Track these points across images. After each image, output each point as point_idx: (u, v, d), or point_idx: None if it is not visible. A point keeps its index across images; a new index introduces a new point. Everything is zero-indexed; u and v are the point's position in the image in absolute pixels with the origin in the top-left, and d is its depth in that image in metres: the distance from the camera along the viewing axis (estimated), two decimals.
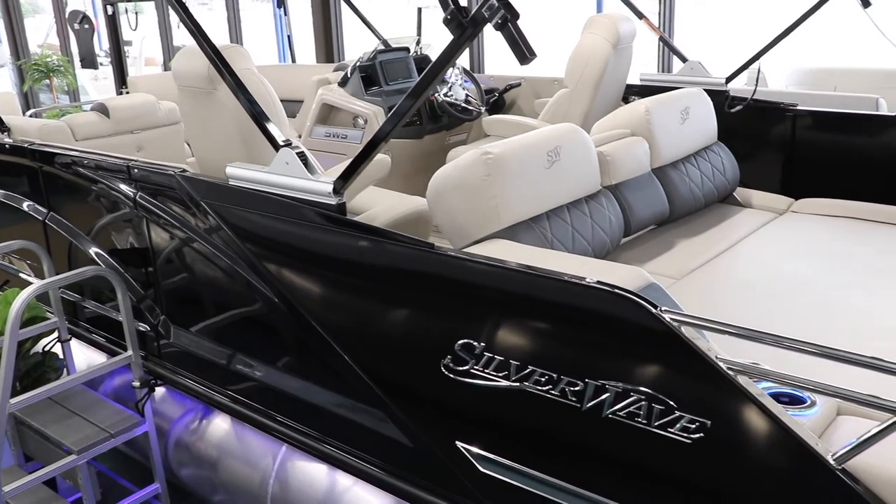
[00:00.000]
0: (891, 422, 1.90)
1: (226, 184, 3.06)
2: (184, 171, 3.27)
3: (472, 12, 2.35)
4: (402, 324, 2.68)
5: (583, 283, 2.25)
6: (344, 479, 2.96)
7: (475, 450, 2.53)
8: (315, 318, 2.87)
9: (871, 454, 1.96)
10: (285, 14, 7.59)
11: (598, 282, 2.23)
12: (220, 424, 3.45)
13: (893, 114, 4.50)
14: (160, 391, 3.71)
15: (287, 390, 3.14)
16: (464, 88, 5.50)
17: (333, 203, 2.75)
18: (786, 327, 2.89)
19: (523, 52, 2.21)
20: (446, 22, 2.38)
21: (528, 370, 2.34)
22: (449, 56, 2.48)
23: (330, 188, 2.75)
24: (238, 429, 3.37)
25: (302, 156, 2.87)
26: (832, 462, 1.98)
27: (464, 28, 2.38)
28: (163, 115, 4.84)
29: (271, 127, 2.96)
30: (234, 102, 3.14)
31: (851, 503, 1.98)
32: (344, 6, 6.77)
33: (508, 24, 2.21)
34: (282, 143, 2.91)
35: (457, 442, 2.56)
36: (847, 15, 4.52)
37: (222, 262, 3.15)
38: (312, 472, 3.06)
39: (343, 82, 5.40)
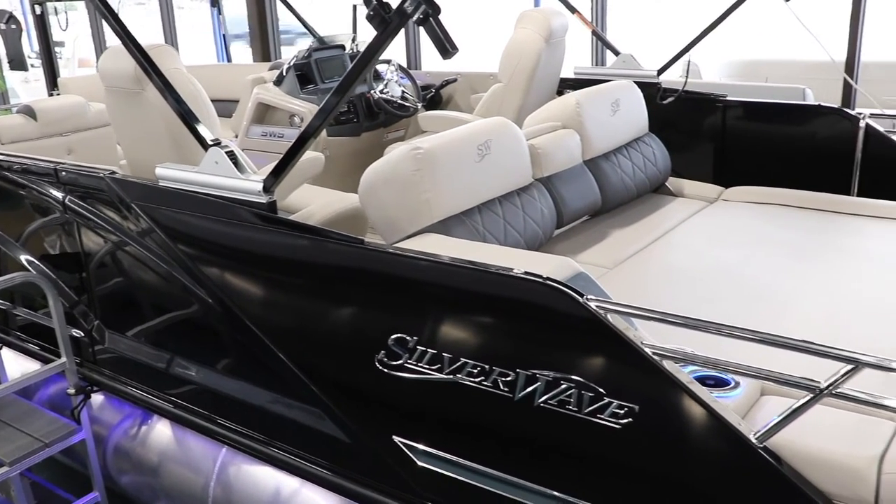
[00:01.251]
0: (807, 399, 1.96)
1: (156, 185, 3.03)
2: (113, 173, 3.23)
3: (394, 8, 2.37)
4: (336, 320, 2.68)
5: (510, 274, 2.27)
6: (286, 480, 2.95)
7: (413, 444, 2.55)
8: (250, 319, 2.86)
9: (791, 431, 2.03)
10: (220, 13, 7.51)
11: (526, 272, 2.25)
12: (160, 429, 3.41)
13: (819, 103, 4.62)
14: (97, 398, 3.65)
15: (226, 392, 3.12)
16: (400, 85, 5.50)
17: (264, 201, 2.75)
18: (715, 312, 2.96)
19: (445, 46, 2.23)
20: (369, 18, 2.39)
21: (460, 362, 2.36)
22: (373, 52, 2.49)
23: (260, 187, 2.74)
24: (178, 433, 3.34)
25: (231, 155, 2.85)
26: (754, 440, 2.03)
27: (387, 24, 2.39)
28: (93, 117, 4.76)
29: (200, 127, 2.94)
30: (162, 103, 3.11)
31: (772, 478, 2.04)
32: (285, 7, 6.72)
33: (430, 19, 2.23)
34: (210, 143, 2.89)
35: (394, 437, 2.57)
36: (778, 7, 4.62)
37: (156, 265, 3.12)
38: (253, 474, 3.05)
39: (278, 81, 5.38)
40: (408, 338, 2.46)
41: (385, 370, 2.51)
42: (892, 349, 2.66)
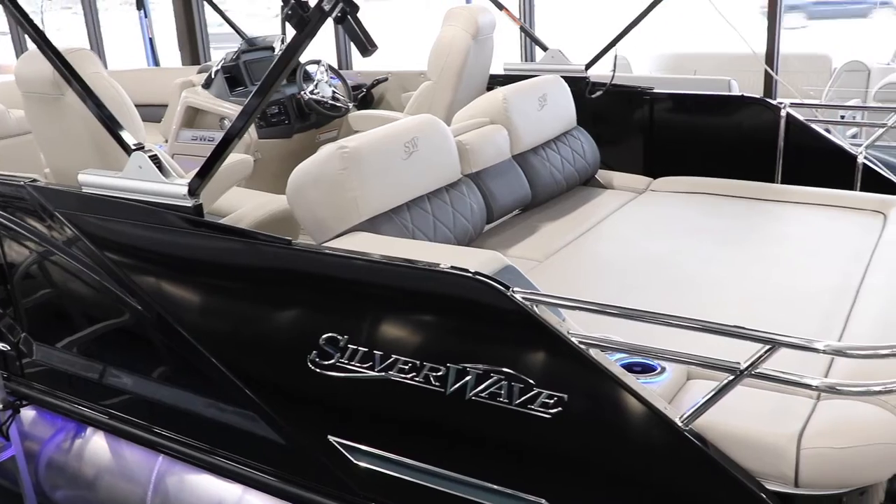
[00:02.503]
0: (728, 380, 2.02)
1: (79, 192, 2.98)
2: (34, 180, 3.16)
3: (312, 7, 2.37)
4: (267, 323, 2.67)
5: (437, 269, 2.29)
6: (226, 486, 2.93)
7: (348, 443, 2.56)
8: (182, 324, 2.83)
9: (715, 413, 2.08)
10: (146, 16, 7.39)
11: (452, 267, 2.27)
12: (95, 441, 3.36)
13: (742, 94, 4.73)
14: (27, 413, 3.58)
15: (161, 400, 3.08)
16: (331, 86, 5.48)
17: (190, 205, 2.72)
18: (643, 300, 3.03)
19: (364, 44, 2.24)
20: (288, 18, 2.39)
21: (391, 359, 2.38)
22: (293, 52, 2.48)
23: (185, 190, 2.72)
24: (113, 444, 3.29)
25: (155, 159, 2.82)
26: (680, 424, 2.08)
27: (306, 23, 2.39)
28: (14, 124, 4.65)
29: (123, 132, 2.90)
30: (83, 108, 3.06)
31: (699, 460, 2.09)
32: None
33: (348, 17, 2.23)
34: (133, 147, 2.85)
35: (329, 437, 2.58)
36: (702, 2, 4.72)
37: (83, 274, 3.07)
38: (192, 482, 3.02)
39: (207, 84, 5.31)
40: (339, 337, 2.46)
41: (317, 370, 2.51)
42: (810, 329, 2.76)
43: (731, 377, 2.01)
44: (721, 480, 2.09)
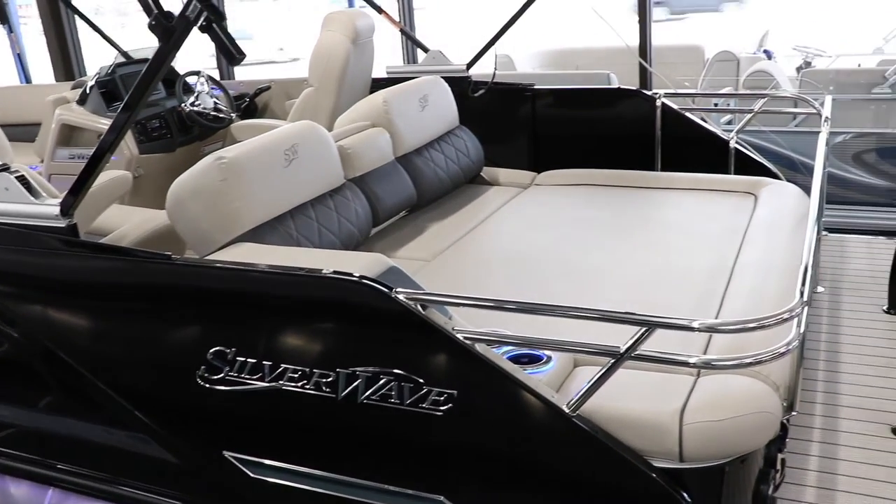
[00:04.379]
0: (609, 364, 2.08)
1: None
2: None
3: (176, 16, 2.33)
4: (153, 341, 2.61)
5: (320, 275, 2.29)
6: None
7: (244, 457, 2.53)
8: (65, 350, 2.74)
9: (601, 397, 2.14)
10: (11, 31, 7.09)
11: (335, 272, 2.27)
12: None
13: (619, 86, 4.87)
14: None
15: (48, 430, 2.98)
16: (212, 96, 5.39)
17: (63, 225, 2.64)
18: (530, 293, 3.09)
19: (231, 52, 2.22)
20: (151, 28, 2.34)
21: (280, 369, 2.36)
22: (159, 63, 2.44)
23: (56, 210, 2.63)
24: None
25: (22, 179, 2.72)
26: (567, 410, 2.13)
27: (170, 33, 2.35)
28: None
29: None
30: None
31: (588, 444, 2.14)
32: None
33: (213, 26, 2.21)
34: None
35: (225, 452, 2.54)
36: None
37: None
38: None
39: (82, 100, 5.15)
40: (226, 350, 2.43)
41: (207, 385, 2.47)
42: (690, 309, 2.86)
43: (613, 361, 2.07)
44: (611, 462, 2.15)
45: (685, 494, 2.13)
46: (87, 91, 5.14)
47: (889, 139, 6.67)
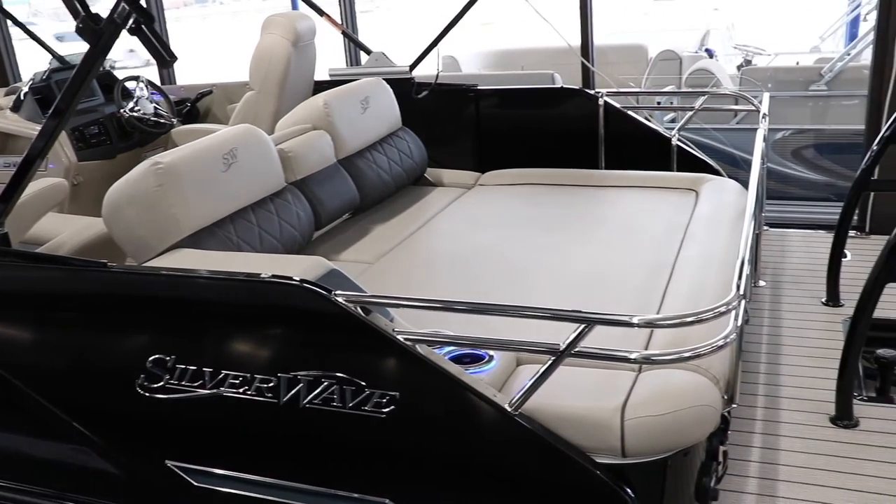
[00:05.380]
0: (550, 362, 2.08)
1: None
2: None
3: (104, 19, 2.28)
4: (90, 351, 2.57)
5: (258, 279, 2.27)
6: None
7: (187, 465, 2.49)
8: (1, 364, 2.67)
9: (543, 395, 2.14)
10: None
11: (274, 276, 2.25)
12: None
13: (562, 86, 4.90)
14: None
15: None
16: (152, 102, 5.31)
17: None
18: (473, 292, 3.09)
19: (162, 55, 2.18)
20: (79, 31, 2.30)
21: (221, 375, 2.34)
22: (88, 67, 2.39)
23: None
24: None
25: None
26: (510, 409, 2.13)
27: (98, 36, 2.30)
28: None
29: None
30: None
31: (531, 442, 2.15)
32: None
33: (143, 28, 2.17)
34: None
35: (167, 462, 2.51)
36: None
37: None
38: None
39: (16, 107, 5.05)
40: (165, 357, 2.40)
41: (146, 394, 2.44)
42: (632, 305, 2.89)
43: (553, 359, 2.07)
44: (554, 459, 2.15)
45: (628, 490, 2.14)
46: (22, 97, 5.06)
47: (826, 135, 6.82)
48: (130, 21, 2.19)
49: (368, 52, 5.21)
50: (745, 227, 2.58)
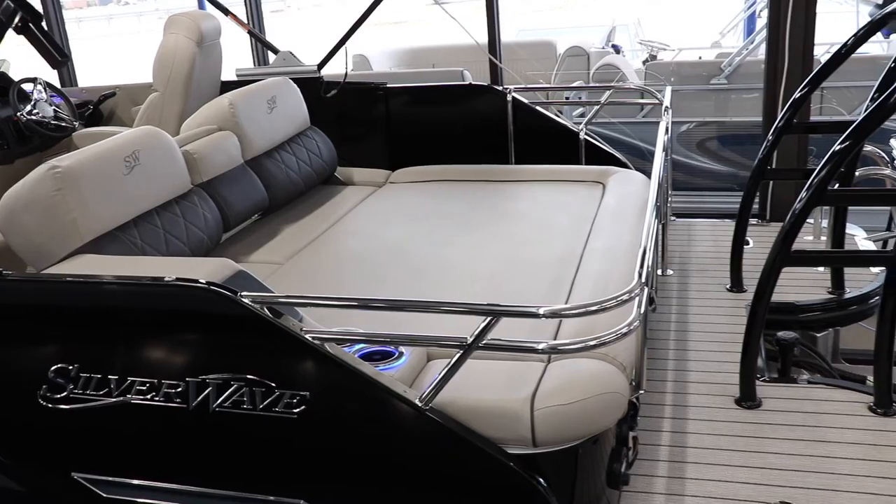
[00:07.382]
0: (458, 356, 2.10)
1: None
2: None
3: None
4: None
5: (162, 283, 2.23)
6: None
7: (94, 476, 2.45)
8: None
9: (454, 388, 2.16)
10: None
11: (178, 279, 2.22)
12: None
13: (471, 82, 4.94)
14: None
15: None
16: (51, 104, 5.14)
17: None
18: (385, 288, 3.09)
19: (53, 55, 2.12)
20: None
21: (127, 382, 2.31)
22: None
23: None
24: None
25: None
26: (420, 404, 2.14)
27: None
28: None
29: None
30: None
31: (442, 436, 2.16)
32: None
33: (31, 26, 2.10)
34: None
35: (73, 474, 2.46)
36: None
37: None
38: None
39: None
40: (69, 367, 2.36)
41: (50, 405, 2.39)
42: (541, 297, 2.93)
43: (461, 352, 2.09)
44: (466, 452, 2.17)
45: (541, 479, 2.17)
46: None
47: (727, 127, 7.04)
48: (16, 19, 2.12)
49: (276, 51, 5.16)
50: (647, 217, 2.64)
